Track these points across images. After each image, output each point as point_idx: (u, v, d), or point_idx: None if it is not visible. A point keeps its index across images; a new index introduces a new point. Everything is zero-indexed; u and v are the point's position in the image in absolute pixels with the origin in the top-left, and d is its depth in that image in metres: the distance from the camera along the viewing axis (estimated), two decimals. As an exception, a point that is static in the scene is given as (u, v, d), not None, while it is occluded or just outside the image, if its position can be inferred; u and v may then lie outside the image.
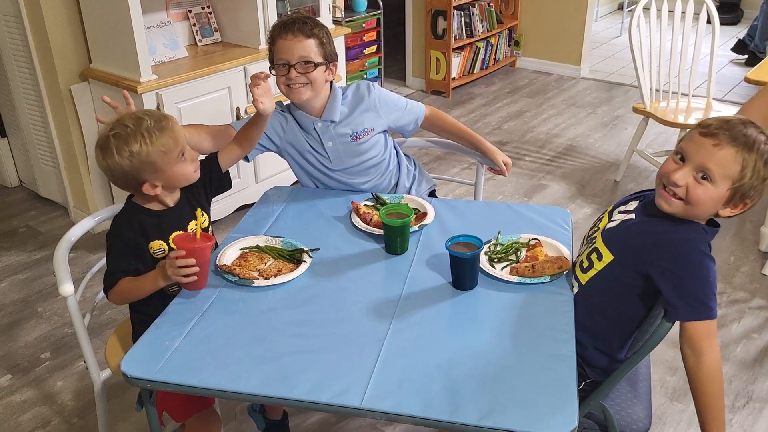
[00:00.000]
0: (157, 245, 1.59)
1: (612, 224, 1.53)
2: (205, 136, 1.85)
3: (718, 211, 1.41)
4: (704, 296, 1.35)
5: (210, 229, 1.69)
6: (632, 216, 1.50)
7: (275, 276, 1.58)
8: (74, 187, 3.19)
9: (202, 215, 1.67)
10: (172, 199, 1.62)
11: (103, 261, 1.83)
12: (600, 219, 1.61)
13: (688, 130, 1.46)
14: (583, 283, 1.53)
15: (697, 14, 3.42)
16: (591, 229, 1.63)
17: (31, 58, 2.94)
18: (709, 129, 1.36)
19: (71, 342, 2.49)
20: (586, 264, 1.53)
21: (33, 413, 2.20)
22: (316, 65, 1.85)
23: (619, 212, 1.55)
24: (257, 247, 1.68)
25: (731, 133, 1.34)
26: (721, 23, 3.41)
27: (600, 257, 1.50)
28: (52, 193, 3.39)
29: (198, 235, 1.49)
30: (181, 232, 1.60)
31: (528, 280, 1.56)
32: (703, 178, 1.36)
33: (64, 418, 2.18)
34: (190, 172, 1.58)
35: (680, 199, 1.39)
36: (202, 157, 1.73)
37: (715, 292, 1.37)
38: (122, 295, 1.57)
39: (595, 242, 1.53)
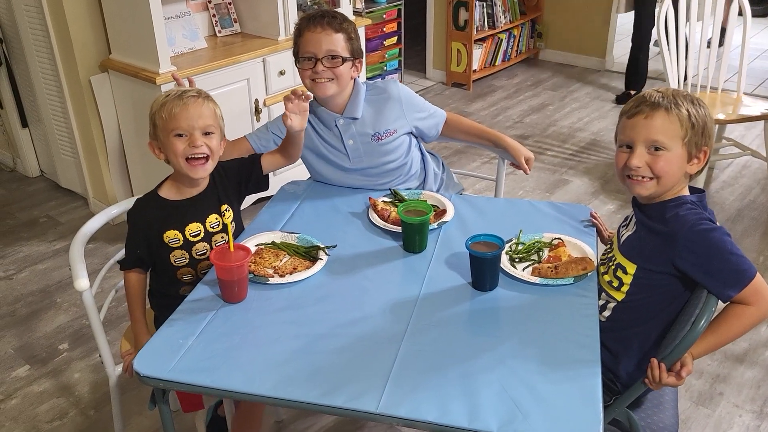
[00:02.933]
0: (172, 235, 1.60)
1: (623, 238, 1.54)
2: (229, 152, 1.83)
3: (686, 170, 1.43)
4: (733, 266, 1.35)
5: (232, 226, 1.68)
6: (635, 225, 1.52)
7: (291, 273, 1.55)
8: (93, 177, 3.20)
9: (227, 210, 1.66)
10: (194, 189, 1.63)
11: (121, 253, 1.84)
12: (611, 242, 1.61)
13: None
14: (620, 299, 1.51)
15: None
16: (604, 253, 1.62)
17: (52, 48, 2.94)
18: (632, 110, 1.43)
19: (89, 333, 2.49)
20: (616, 283, 1.51)
21: (50, 404, 2.20)
22: (344, 60, 1.81)
23: (624, 227, 1.57)
24: (273, 243, 1.65)
25: (651, 101, 1.41)
26: (752, 15, 3.30)
27: (625, 271, 1.49)
28: (72, 184, 3.40)
29: (231, 247, 1.48)
30: (220, 245, 1.60)
31: (550, 282, 1.52)
32: (656, 149, 1.41)
33: (81, 410, 2.18)
34: (178, 151, 1.56)
35: (650, 178, 1.43)
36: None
37: (739, 252, 1.36)
38: (126, 289, 1.67)
39: (615, 259, 1.53)
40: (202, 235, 1.63)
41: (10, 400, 2.22)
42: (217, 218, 1.65)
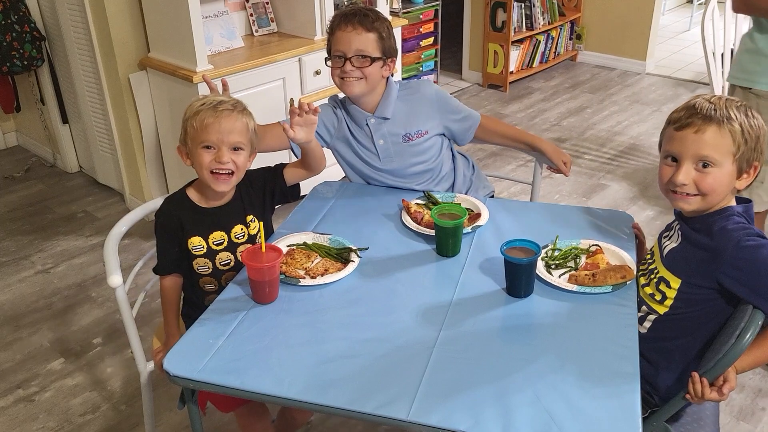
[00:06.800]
0: (197, 241, 1.59)
1: (666, 250, 1.48)
2: (260, 133, 1.84)
3: (735, 185, 1.38)
4: None
5: (258, 236, 1.66)
6: (679, 237, 1.46)
7: (322, 275, 1.54)
8: (130, 174, 3.24)
9: (253, 221, 1.65)
10: (220, 199, 1.62)
11: (155, 250, 1.85)
12: (652, 253, 1.55)
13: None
14: (662, 312, 1.46)
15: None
16: (645, 262, 1.56)
17: (93, 47, 2.98)
18: (681, 121, 1.36)
19: (122, 328, 2.47)
20: (658, 296, 1.46)
21: (83, 398, 2.23)
22: (373, 60, 1.79)
23: (667, 238, 1.52)
24: (304, 244, 1.64)
25: (703, 113, 1.34)
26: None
27: (668, 285, 1.43)
28: (110, 180, 3.46)
29: (263, 248, 1.46)
30: (249, 246, 1.59)
31: (588, 290, 1.47)
32: (705, 166, 1.35)
33: (113, 405, 2.20)
34: (204, 163, 1.53)
35: (695, 194, 1.37)
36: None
37: None
38: (161, 294, 1.65)
39: (658, 272, 1.47)
40: (225, 244, 1.61)
41: (45, 393, 2.25)
42: (242, 229, 1.63)
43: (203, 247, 1.59)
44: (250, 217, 1.64)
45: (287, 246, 1.63)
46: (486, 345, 1.34)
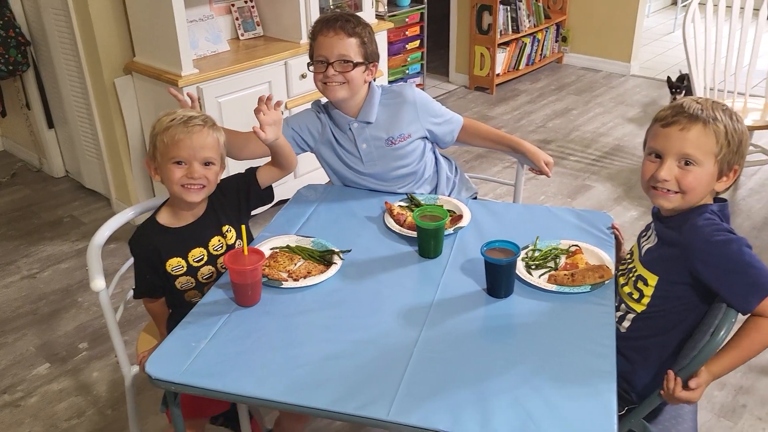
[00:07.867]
0: (175, 262, 1.58)
1: (644, 249, 1.51)
2: (242, 142, 1.86)
3: (714, 187, 1.40)
4: (751, 279, 1.30)
5: (237, 243, 1.66)
6: (655, 236, 1.49)
7: (305, 278, 1.55)
8: (117, 179, 3.24)
9: (229, 231, 1.64)
10: (192, 214, 1.61)
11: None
12: (631, 253, 1.57)
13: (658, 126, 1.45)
14: (640, 311, 1.48)
15: (757, 10, 3.25)
16: (625, 262, 1.59)
17: (78, 51, 2.98)
18: (667, 119, 1.39)
19: (108, 333, 2.51)
20: (636, 294, 1.48)
21: (69, 403, 2.23)
22: (355, 65, 1.80)
23: (645, 238, 1.54)
24: (287, 247, 1.65)
25: (689, 112, 1.37)
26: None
27: (646, 282, 1.46)
28: (96, 184, 3.45)
29: (246, 251, 1.47)
30: (233, 250, 1.58)
31: (567, 290, 1.49)
32: (687, 164, 1.37)
33: (98, 409, 2.20)
34: (174, 179, 1.52)
35: (676, 192, 1.39)
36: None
37: (759, 264, 1.31)
38: (148, 312, 1.70)
39: (636, 270, 1.49)
40: (205, 258, 1.60)
41: (30, 398, 2.25)
42: (220, 240, 1.62)
43: (183, 266, 1.58)
44: (226, 227, 1.63)
45: (270, 249, 1.64)
46: (466, 345, 1.35)
